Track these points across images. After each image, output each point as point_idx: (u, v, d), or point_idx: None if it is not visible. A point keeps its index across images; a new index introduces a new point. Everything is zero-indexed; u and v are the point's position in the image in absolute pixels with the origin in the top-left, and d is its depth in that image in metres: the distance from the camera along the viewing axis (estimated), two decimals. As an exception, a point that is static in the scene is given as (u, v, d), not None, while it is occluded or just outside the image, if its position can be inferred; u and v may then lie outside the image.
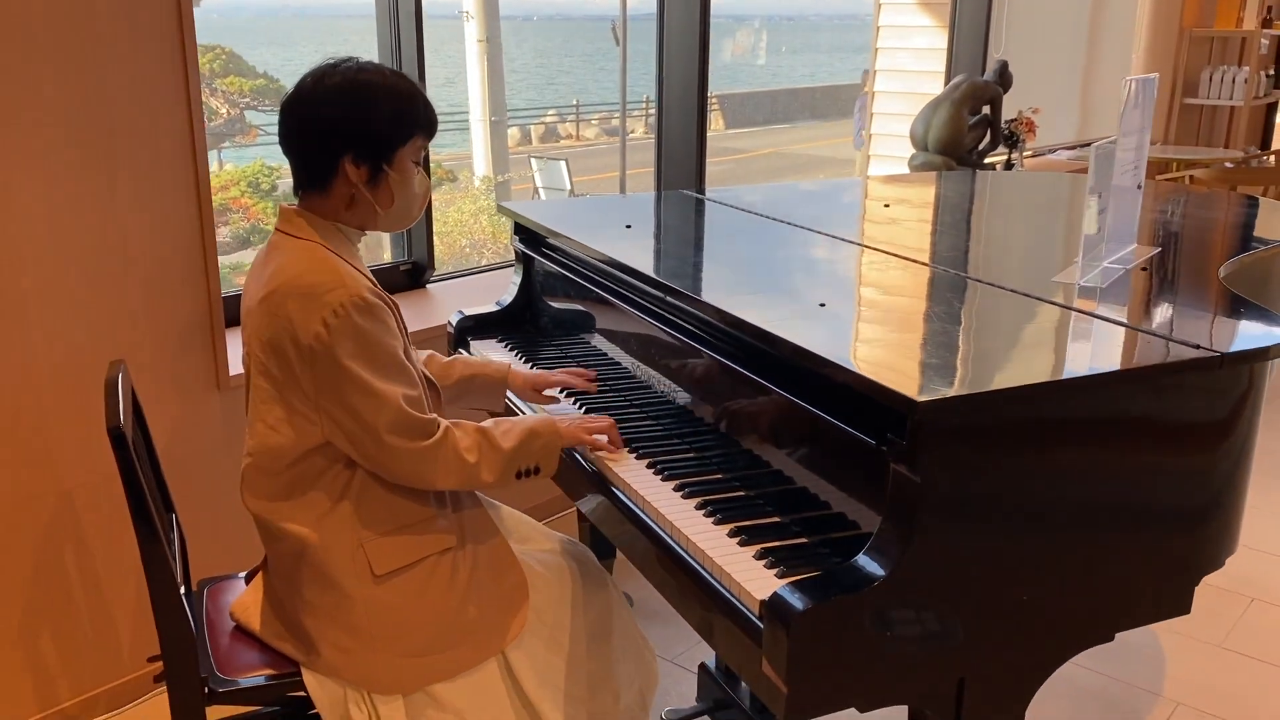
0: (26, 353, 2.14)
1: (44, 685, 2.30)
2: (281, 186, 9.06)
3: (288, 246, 1.63)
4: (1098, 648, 2.61)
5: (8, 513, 2.18)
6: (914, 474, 1.31)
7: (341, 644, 1.64)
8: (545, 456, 1.72)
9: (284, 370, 1.59)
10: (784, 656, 1.30)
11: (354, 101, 1.62)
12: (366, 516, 1.66)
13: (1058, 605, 1.47)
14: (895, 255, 2.10)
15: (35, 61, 2.05)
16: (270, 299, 1.58)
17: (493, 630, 1.70)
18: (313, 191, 1.66)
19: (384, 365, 1.58)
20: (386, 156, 1.64)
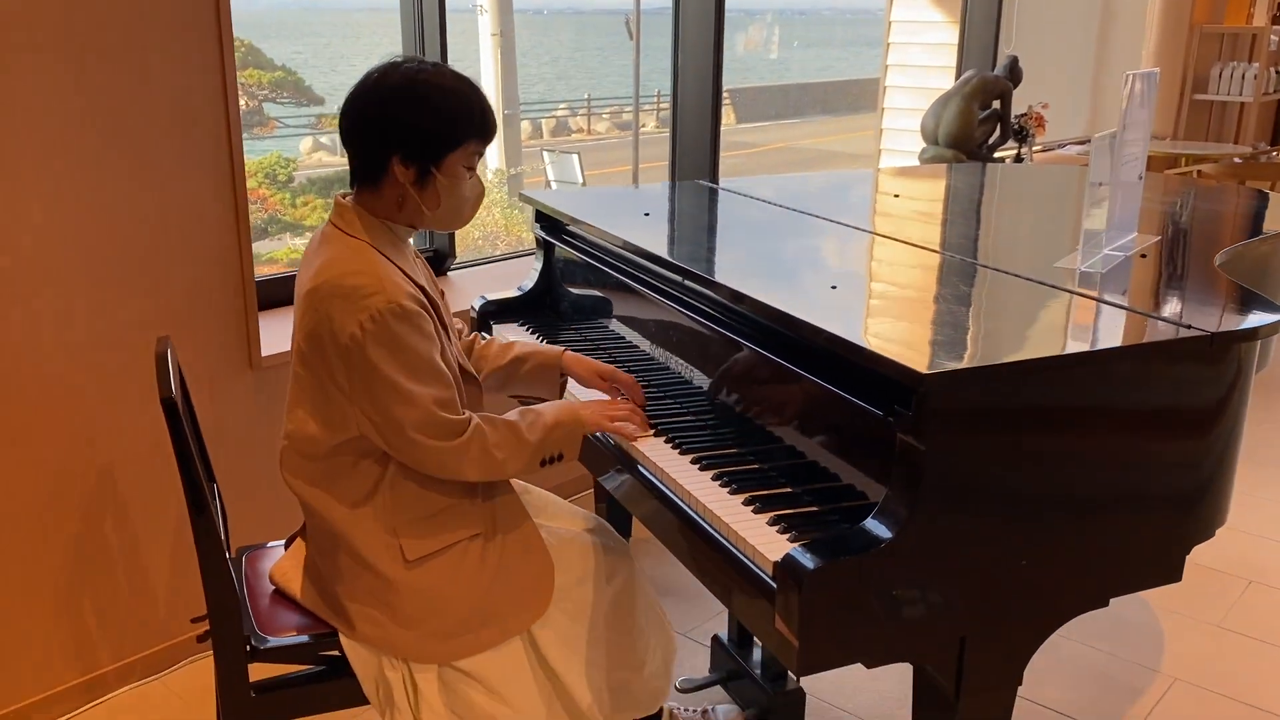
0: (68, 330, 2.23)
1: (85, 651, 2.40)
2: (298, 178, 9.17)
3: (337, 242, 1.69)
4: (1098, 627, 2.72)
5: (50, 486, 2.28)
6: (919, 443, 1.40)
7: (375, 619, 1.72)
8: (568, 444, 1.79)
9: (322, 362, 1.65)
10: (796, 612, 1.39)
11: (407, 101, 1.65)
12: (400, 505, 1.73)
13: (1055, 572, 1.55)
14: (904, 243, 2.19)
15: (80, 48, 2.14)
16: (314, 294, 1.64)
17: (519, 612, 1.77)
18: (365, 187, 1.71)
19: (416, 369, 1.63)
20: (435, 160, 1.68)
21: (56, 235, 2.18)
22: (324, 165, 11.49)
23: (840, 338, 1.52)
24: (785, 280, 1.94)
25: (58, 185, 2.16)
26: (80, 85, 2.15)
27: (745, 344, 1.78)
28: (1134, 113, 2.01)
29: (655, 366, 2.13)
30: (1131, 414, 1.55)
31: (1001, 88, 5.18)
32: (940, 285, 1.91)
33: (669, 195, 2.84)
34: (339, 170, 9.11)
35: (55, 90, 2.12)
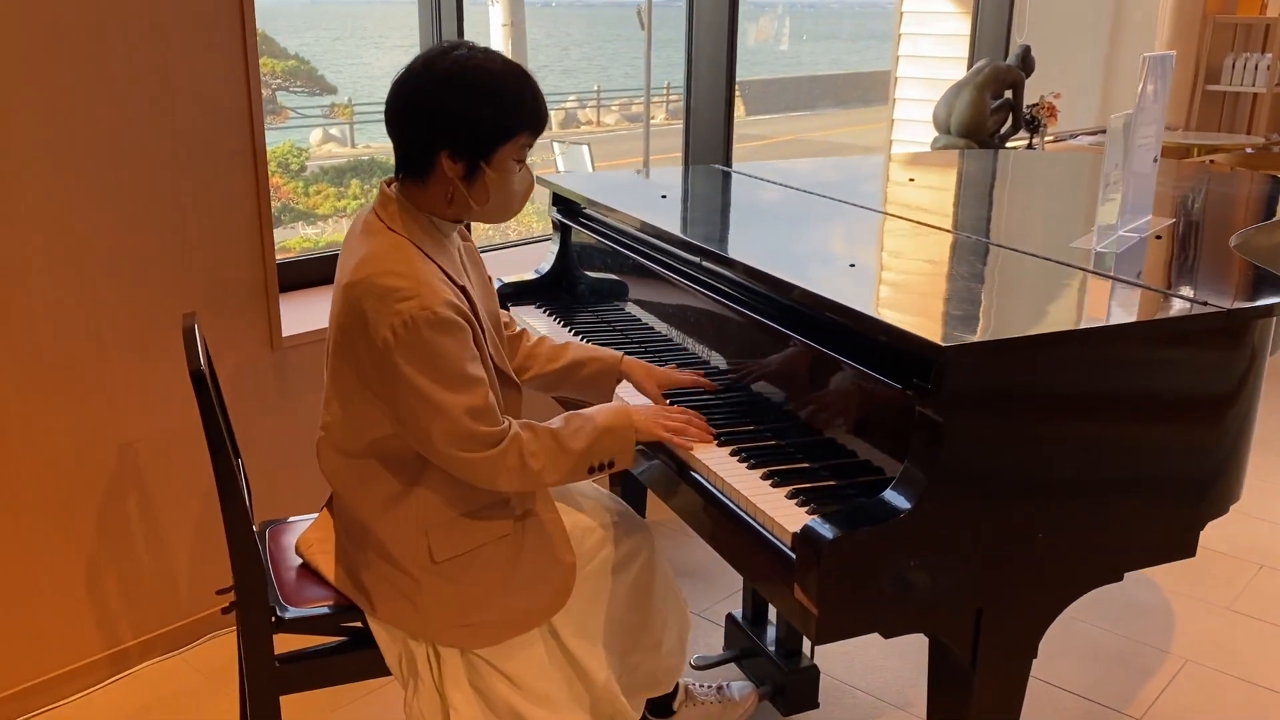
0: (93, 307, 2.26)
1: (107, 627, 2.44)
2: (310, 168, 9.21)
3: (378, 235, 1.63)
4: (1110, 609, 2.74)
5: (74, 463, 2.31)
6: (937, 415, 1.42)
7: (398, 609, 1.73)
8: (620, 450, 1.73)
9: (355, 357, 1.63)
10: (815, 582, 1.41)
11: (457, 93, 1.58)
12: (431, 505, 1.71)
13: (1071, 544, 1.57)
14: (920, 224, 2.21)
15: (104, 30, 2.17)
16: (351, 289, 1.59)
17: (541, 607, 1.77)
18: (411, 179, 1.66)
19: (447, 377, 1.57)
20: (486, 155, 1.61)
21: (81, 215, 2.21)
22: (334, 156, 11.53)
23: (860, 312, 1.54)
24: (803, 259, 1.96)
25: (81, 164, 2.19)
26: (105, 67, 2.18)
27: (763, 321, 1.80)
28: (1149, 94, 2.03)
29: (672, 346, 2.15)
30: (1148, 390, 1.57)
31: (1014, 77, 5.19)
32: (956, 264, 1.93)
33: (684, 179, 2.86)
34: (351, 160, 9.15)
35: (80, 72, 2.15)
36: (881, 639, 1.56)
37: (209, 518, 2.55)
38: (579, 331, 2.36)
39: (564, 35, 33.14)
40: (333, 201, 7.47)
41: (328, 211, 7.57)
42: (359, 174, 7.91)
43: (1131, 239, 2.02)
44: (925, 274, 1.87)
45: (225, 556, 2.56)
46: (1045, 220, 2.41)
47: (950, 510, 1.45)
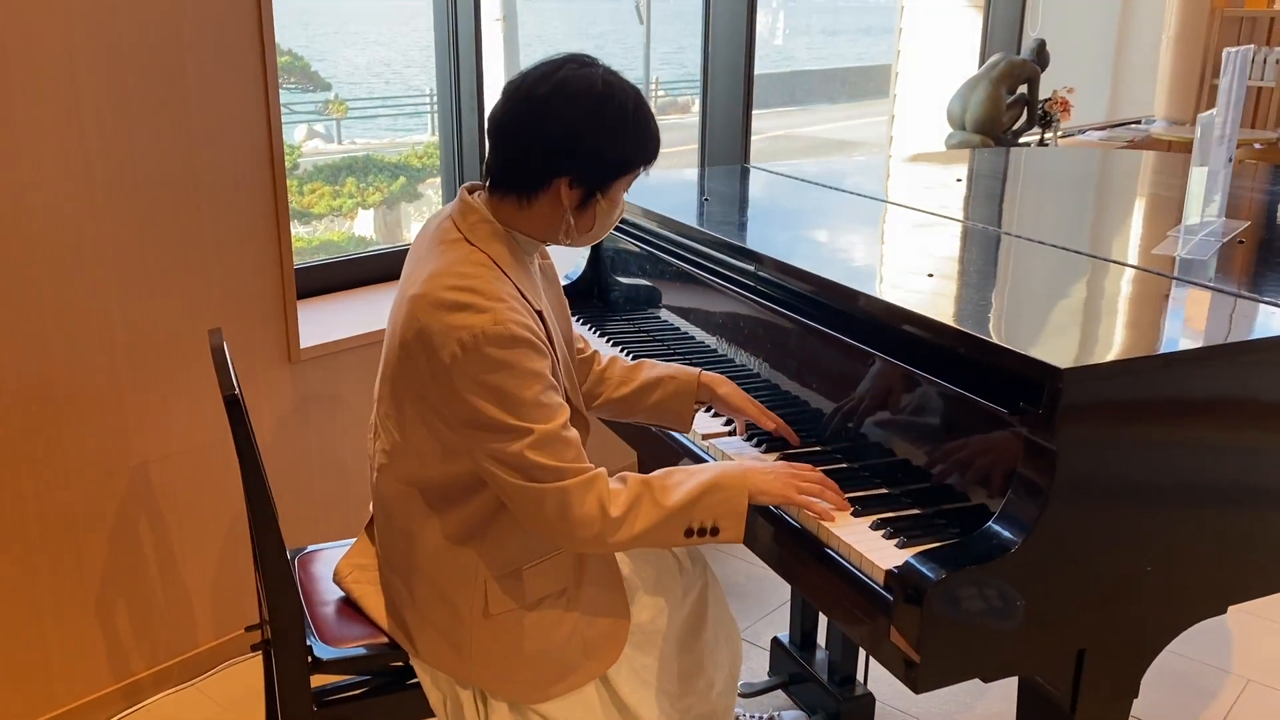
0: (105, 325, 2.13)
1: (118, 657, 2.30)
2: (303, 165, 9.02)
3: (454, 246, 1.50)
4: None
5: (86, 486, 2.18)
6: (1050, 443, 1.30)
7: (443, 656, 1.61)
8: (728, 515, 1.48)
9: (418, 378, 1.49)
10: (917, 626, 1.29)
11: (594, 124, 1.47)
12: (496, 556, 1.57)
13: (1179, 577, 1.46)
14: (985, 227, 2.09)
15: (118, 39, 2.03)
16: (418, 302, 1.45)
17: (592, 662, 1.65)
18: (512, 194, 1.52)
19: (516, 404, 1.42)
20: (605, 186, 1.52)
21: (94, 224, 2.07)
22: (320, 153, 11.34)
23: (967, 333, 1.42)
24: (872, 268, 1.84)
25: (93, 176, 2.05)
26: (118, 76, 2.04)
27: (834, 335, 1.68)
28: (1229, 91, 1.92)
29: (719, 359, 2.03)
30: (1262, 410, 1.46)
31: (1029, 72, 5.09)
32: (1038, 272, 1.81)
33: (717, 180, 2.73)
34: (345, 158, 8.98)
35: (93, 83, 2.01)
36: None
37: (224, 542, 2.41)
38: (614, 340, 2.24)
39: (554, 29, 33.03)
40: (328, 200, 7.30)
41: (323, 211, 7.41)
42: (354, 172, 7.75)
43: (1212, 243, 1.91)
44: (1010, 285, 1.76)
45: (241, 582, 2.45)
46: (1119, 223, 2.30)
47: (1061, 543, 1.34)
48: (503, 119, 1.51)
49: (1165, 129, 6.44)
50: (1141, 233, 2.10)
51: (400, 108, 13.61)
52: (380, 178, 7.73)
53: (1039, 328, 1.52)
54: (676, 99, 19.33)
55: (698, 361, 2.07)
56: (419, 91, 10.05)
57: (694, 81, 4.12)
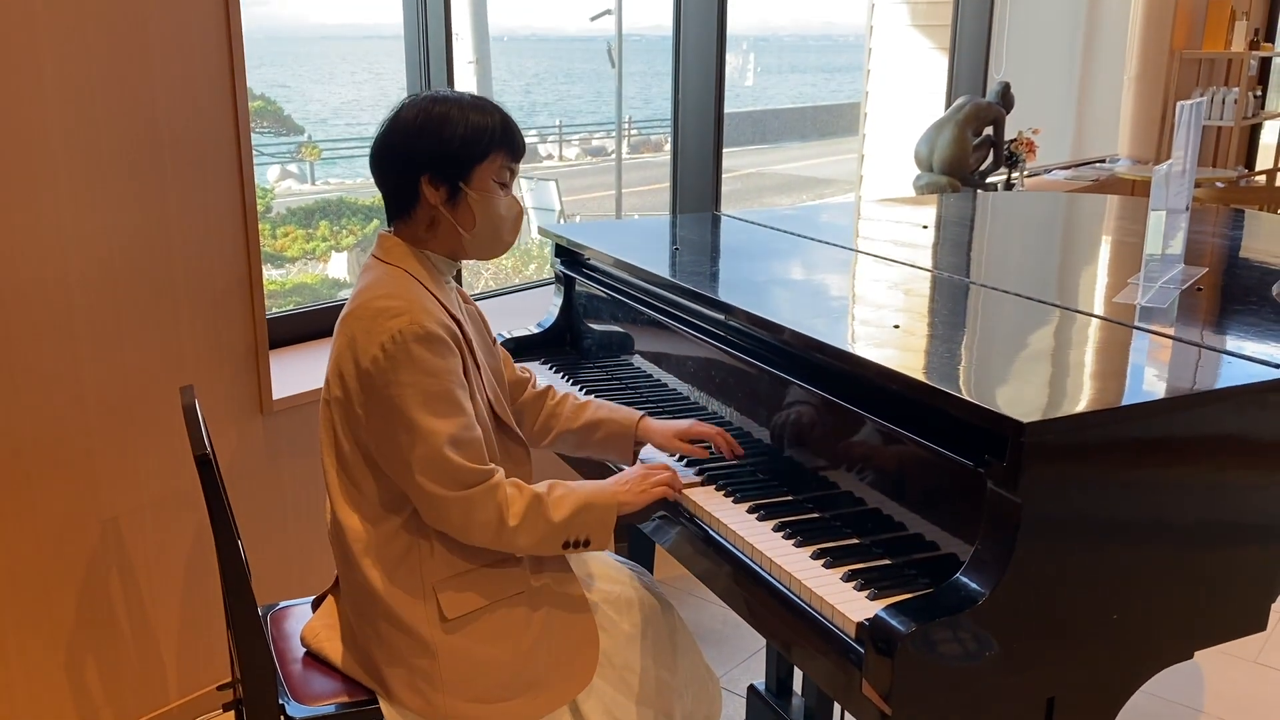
0: (76, 376, 2.12)
1: (87, 713, 2.27)
2: (276, 207, 9.04)
3: (376, 272, 1.65)
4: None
5: (54, 538, 2.16)
6: (1014, 495, 1.33)
7: (415, 686, 1.62)
8: (598, 529, 1.66)
9: (345, 392, 1.59)
10: (888, 678, 1.30)
11: (427, 124, 1.63)
12: (437, 562, 1.64)
13: (1145, 624, 1.48)
14: (953, 276, 2.12)
15: (87, 88, 2.04)
16: (345, 321, 1.61)
17: (564, 678, 1.68)
18: (399, 219, 1.68)
19: (433, 399, 1.55)
20: (463, 175, 1.64)
21: (60, 277, 2.07)
22: (293, 194, 11.36)
23: (933, 387, 1.44)
24: (842, 319, 1.87)
25: (59, 221, 2.05)
26: (87, 122, 2.05)
27: (805, 386, 1.70)
28: (1184, 142, 1.96)
29: (692, 408, 2.04)
30: (1224, 459, 1.49)
31: (994, 114, 5.17)
32: (1005, 323, 1.84)
33: (686, 229, 2.76)
34: (319, 200, 9.00)
35: (61, 129, 2.02)
36: None
37: (194, 597, 2.39)
38: (586, 388, 2.25)
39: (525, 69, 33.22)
40: (301, 244, 7.31)
41: (296, 254, 7.41)
42: (326, 215, 7.76)
43: (1171, 291, 1.95)
44: (975, 335, 1.79)
45: (212, 638, 2.43)
46: (1077, 271, 2.34)
47: (1028, 594, 1.36)
48: (372, 158, 1.69)
49: (1129, 168, 6.56)
50: (1104, 281, 2.14)
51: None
52: (354, 220, 7.75)
53: (1003, 380, 1.54)
54: (649, 138, 19.49)
55: (670, 409, 2.08)
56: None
57: (665, 121, 4.16)
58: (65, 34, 1.99)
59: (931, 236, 2.63)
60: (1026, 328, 1.81)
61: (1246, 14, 7.56)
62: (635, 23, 17.35)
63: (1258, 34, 7.70)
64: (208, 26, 2.19)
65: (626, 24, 4.43)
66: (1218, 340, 1.72)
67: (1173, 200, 1.96)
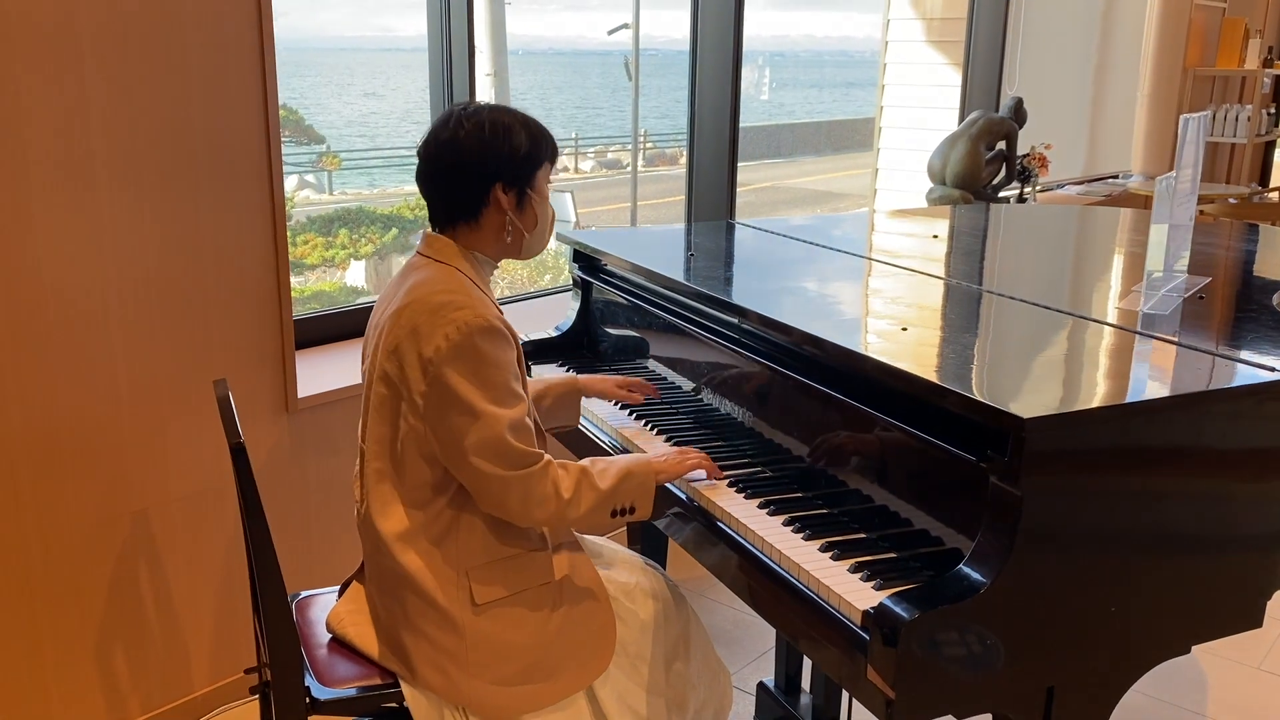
0: (110, 374, 2.19)
1: (115, 700, 2.34)
2: (295, 215, 9.14)
3: (426, 267, 1.73)
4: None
5: (86, 532, 2.23)
6: (1015, 488, 1.38)
7: (440, 665, 1.69)
8: (640, 496, 1.76)
9: (402, 378, 1.66)
10: (892, 664, 1.36)
11: (499, 134, 1.74)
12: (472, 548, 1.71)
13: (1143, 618, 1.53)
14: (963, 284, 2.18)
15: (124, 95, 2.12)
16: (403, 312, 1.67)
17: (582, 666, 1.75)
18: (461, 223, 1.76)
19: (494, 388, 1.63)
20: (530, 181, 1.76)
21: (97, 276, 2.14)
22: (311, 204, 11.46)
23: (938, 385, 1.50)
24: (853, 322, 1.93)
25: (99, 226, 2.13)
26: (126, 133, 2.13)
27: (815, 387, 1.76)
28: (1188, 154, 2.02)
29: (706, 408, 2.10)
30: (1218, 458, 1.53)
31: (1007, 129, 5.23)
32: (1009, 327, 1.90)
33: (701, 236, 2.83)
34: (337, 209, 9.09)
35: (104, 139, 2.09)
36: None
37: (220, 588, 2.46)
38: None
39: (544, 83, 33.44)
40: (320, 251, 7.40)
41: (315, 261, 7.50)
42: (346, 223, 7.86)
43: (1175, 299, 2.00)
44: (981, 338, 1.84)
45: (238, 628, 2.49)
46: (1084, 279, 2.39)
47: (1028, 584, 1.41)
48: (430, 170, 1.77)
49: (1141, 183, 6.60)
50: (1110, 289, 2.19)
51: (391, 160, 13.72)
52: (373, 229, 7.85)
53: (1006, 379, 1.60)
54: (665, 151, 19.60)
55: (685, 411, 2.14)
56: (411, 144, 10.20)
57: (681, 135, 4.23)
58: (108, 52, 2.07)
59: (943, 245, 2.68)
60: (1031, 331, 1.87)
61: (1260, 32, 7.60)
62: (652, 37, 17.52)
63: (1271, 52, 7.74)
64: (242, 44, 2.26)
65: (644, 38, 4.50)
66: (1216, 345, 1.77)
67: (1176, 212, 2.01)
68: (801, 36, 48.59)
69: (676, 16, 4.08)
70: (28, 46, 1.98)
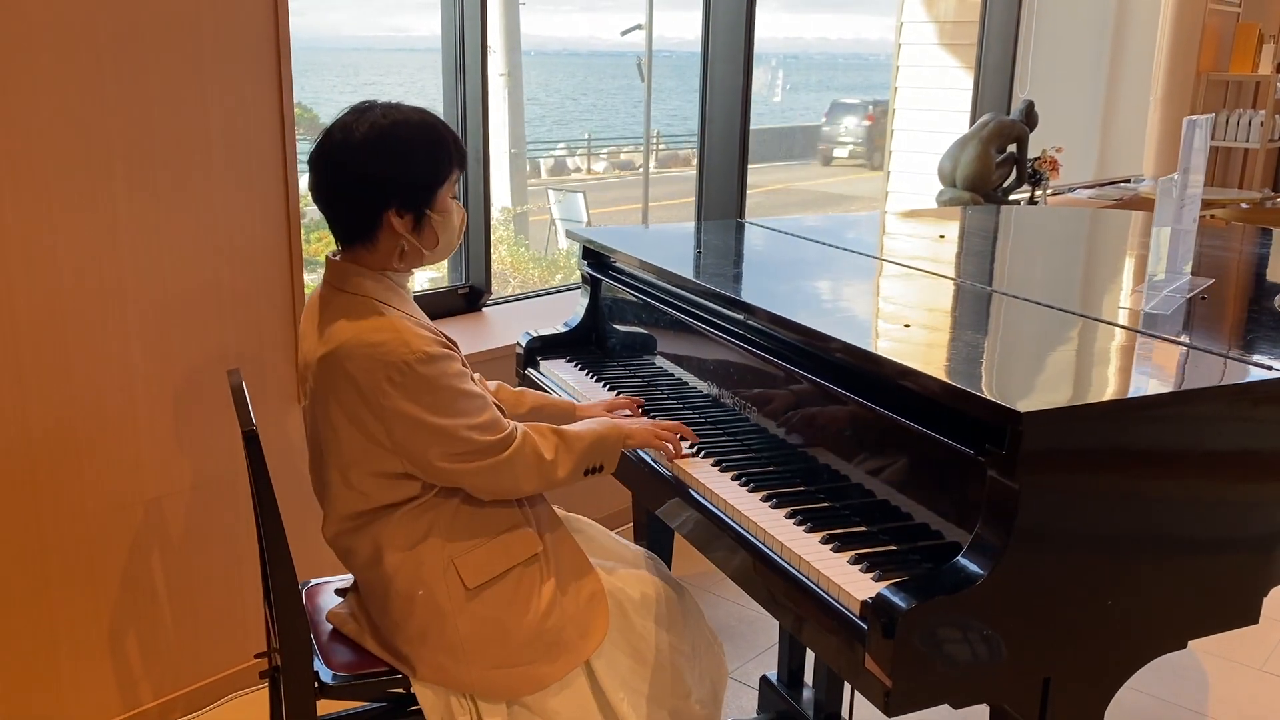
0: (126, 366, 2.23)
1: (128, 687, 2.38)
2: (309, 214, 9.21)
3: (340, 303, 1.66)
4: (1144, 671, 2.70)
5: (100, 519, 2.26)
6: (1012, 481, 1.40)
7: (436, 662, 1.71)
8: (609, 456, 1.84)
9: (358, 425, 1.64)
10: (889, 653, 1.38)
11: (391, 153, 1.62)
12: (454, 536, 1.73)
13: (1140, 612, 1.55)
14: (967, 282, 2.20)
15: (141, 91, 2.16)
16: (330, 359, 1.62)
17: (576, 640, 1.77)
18: (358, 243, 1.68)
19: (450, 404, 1.64)
20: (429, 202, 1.67)
21: (114, 269, 2.18)
22: (325, 202, 11.50)
23: (937, 379, 1.52)
24: (854, 319, 1.95)
25: (115, 219, 2.17)
26: (140, 125, 2.16)
27: (818, 381, 1.78)
28: (1192, 157, 2.04)
29: (713, 403, 2.13)
30: (1215, 455, 1.55)
31: (1018, 132, 5.24)
32: (1011, 325, 1.92)
33: (709, 234, 2.85)
34: (350, 206, 9.09)
35: (122, 135, 2.13)
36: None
37: (231, 576, 2.50)
38: (610, 385, 2.34)
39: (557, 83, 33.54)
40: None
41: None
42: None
43: (1177, 299, 2.02)
44: (982, 335, 1.86)
45: (249, 616, 2.53)
46: (1087, 279, 2.41)
47: (1024, 577, 1.43)
48: (316, 185, 1.67)
49: (1152, 188, 6.60)
50: (1113, 289, 2.21)
51: (405, 158, 13.65)
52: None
53: (1005, 374, 1.62)
54: (678, 152, 19.62)
55: (690, 405, 2.17)
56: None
57: (694, 136, 4.27)
58: (126, 50, 2.11)
59: (950, 245, 2.70)
60: (1032, 329, 1.89)
61: (1275, 37, 7.59)
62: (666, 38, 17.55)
63: (1285, 57, 7.71)
64: (258, 42, 2.30)
65: (657, 39, 4.53)
66: (1214, 344, 1.79)
67: (1178, 213, 2.03)
68: (816, 39, 48.60)
69: (690, 18, 4.11)
70: (48, 45, 2.02)
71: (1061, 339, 1.83)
